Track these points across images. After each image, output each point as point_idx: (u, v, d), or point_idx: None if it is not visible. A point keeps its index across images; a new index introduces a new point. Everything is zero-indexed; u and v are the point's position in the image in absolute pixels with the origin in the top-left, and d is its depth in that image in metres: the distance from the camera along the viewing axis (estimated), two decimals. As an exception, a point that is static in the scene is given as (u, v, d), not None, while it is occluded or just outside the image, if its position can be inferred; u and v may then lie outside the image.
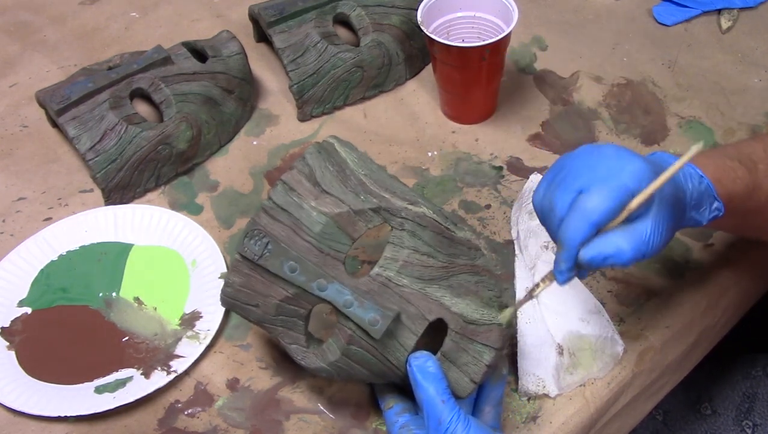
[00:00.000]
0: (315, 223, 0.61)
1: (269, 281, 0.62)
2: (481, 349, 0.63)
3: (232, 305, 0.64)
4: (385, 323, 0.60)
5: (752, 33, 1.03)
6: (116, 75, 0.89)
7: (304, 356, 0.63)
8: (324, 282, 0.61)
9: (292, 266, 0.61)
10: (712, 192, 0.64)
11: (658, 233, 0.58)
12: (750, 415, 0.92)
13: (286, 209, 0.61)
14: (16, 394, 0.71)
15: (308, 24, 0.95)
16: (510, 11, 0.88)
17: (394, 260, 0.62)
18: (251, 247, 0.61)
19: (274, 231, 0.61)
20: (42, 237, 0.83)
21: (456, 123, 0.95)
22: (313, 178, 0.63)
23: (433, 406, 0.60)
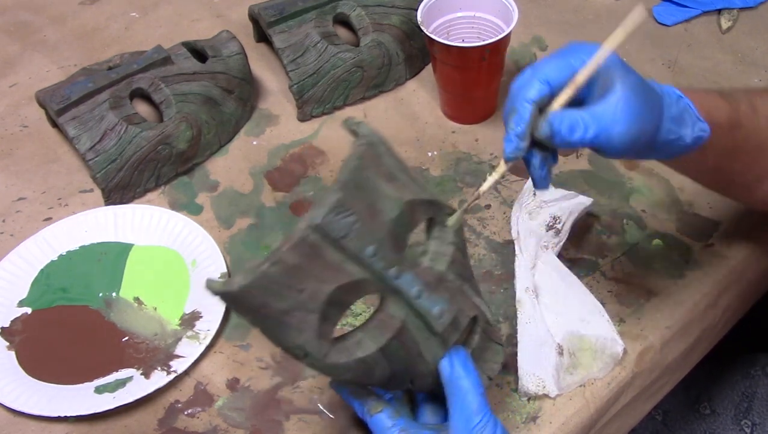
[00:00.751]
0: (392, 208, 0.56)
1: (334, 265, 0.54)
2: (497, 348, 0.65)
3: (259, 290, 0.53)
4: (448, 317, 0.59)
5: (752, 33, 1.03)
6: (116, 75, 0.89)
7: (327, 352, 0.56)
8: (399, 271, 0.57)
9: (374, 249, 0.55)
10: (693, 111, 0.61)
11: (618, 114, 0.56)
12: (749, 415, 0.92)
13: (364, 188, 0.55)
14: (16, 394, 0.71)
15: (308, 24, 0.95)
16: (510, 11, 0.88)
17: (444, 255, 0.61)
18: (337, 223, 0.53)
19: (357, 209, 0.54)
20: (42, 237, 0.83)
21: (456, 123, 0.95)
22: (379, 157, 0.58)
23: (470, 398, 0.59)
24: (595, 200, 0.83)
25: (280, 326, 0.55)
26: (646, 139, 0.59)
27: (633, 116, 0.56)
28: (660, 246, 0.82)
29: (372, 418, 0.62)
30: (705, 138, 0.62)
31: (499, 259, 0.81)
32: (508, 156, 0.57)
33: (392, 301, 0.58)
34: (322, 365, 0.57)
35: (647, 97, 0.58)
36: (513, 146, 0.56)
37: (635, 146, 0.58)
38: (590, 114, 0.56)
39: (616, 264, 0.80)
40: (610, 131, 0.56)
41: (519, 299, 0.74)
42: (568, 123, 0.55)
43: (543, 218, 0.79)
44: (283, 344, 0.56)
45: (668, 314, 0.76)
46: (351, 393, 0.64)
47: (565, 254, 0.80)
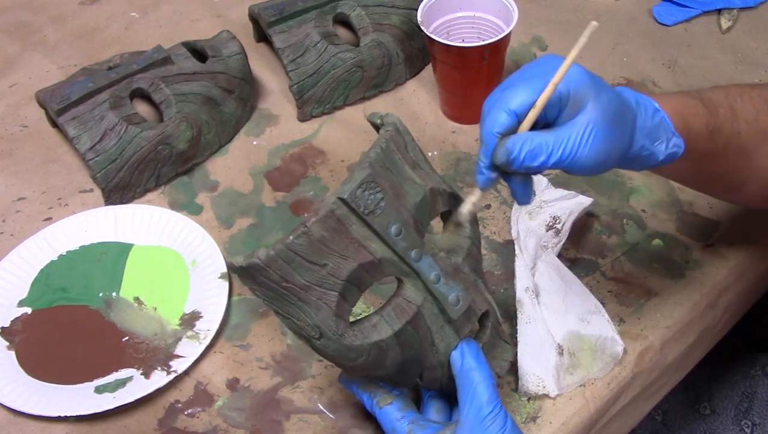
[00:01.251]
0: (417, 192, 0.58)
1: (357, 241, 0.55)
2: (506, 346, 0.66)
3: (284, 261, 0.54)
4: (464, 305, 0.59)
5: (752, 33, 1.03)
6: (116, 75, 0.89)
7: (344, 332, 0.57)
8: (420, 253, 0.57)
9: (397, 229, 0.56)
10: (669, 126, 0.61)
11: (584, 139, 0.56)
12: (749, 415, 0.92)
13: (391, 169, 0.56)
14: (16, 394, 0.71)
15: (308, 24, 0.95)
16: (510, 11, 0.88)
17: (460, 248, 0.62)
18: (363, 199, 0.54)
19: (385, 188, 0.56)
20: (42, 237, 0.83)
21: (456, 123, 0.95)
22: (407, 147, 0.59)
23: (482, 389, 0.59)
24: (595, 200, 0.83)
25: (299, 302, 0.55)
26: (616, 157, 0.59)
27: (600, 139, 0.56)
28: (660, 246, 0.82)
29: (381, 410, 0.63)
30: (679, 154, 0.62)
31: (499, 259, 0.81)
32: (481, 187, 0.58)
33: (410, 285, 0.58)
34: (336, 346, 0.57)
35: (618, 118, 0.58)
36: (484, 177, 0.58)
37: (603, 166, 0.58)
38: (555, 137, 0.56)
39: (616, 264, 0.80)
40: (575, 154, 0.56)
41: (519, 299, 0.74)
42: (529, 148, 0.56)
43: (543, 218, 0.79)
44: (299, 322, 0.56)
45: (668, 314, 0.76)
46: (360, 385, 0.64)
47: (565, 254, 0.80)
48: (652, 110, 0.61)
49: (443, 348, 0.61)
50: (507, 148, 0.56)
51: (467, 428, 0.59)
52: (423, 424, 0.62)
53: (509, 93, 0.56)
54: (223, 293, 0.77)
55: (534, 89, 0.56)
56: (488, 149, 0.56)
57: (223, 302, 0.76)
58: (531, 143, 0.55)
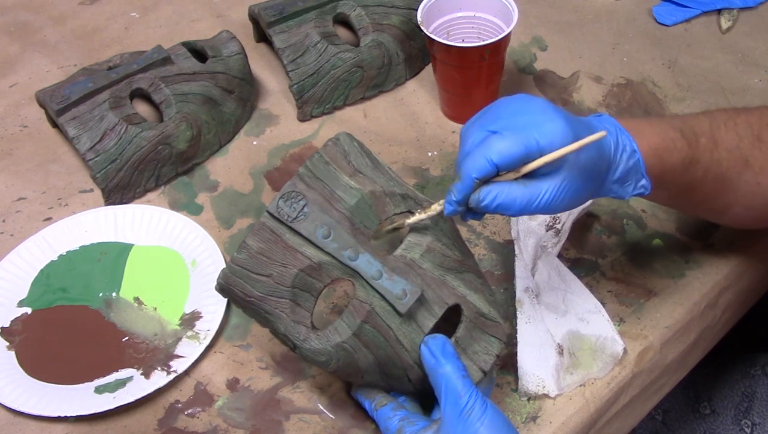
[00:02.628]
0: (351, 196, 0.61)
1: (293, 249, 0.60)
2: (492, 340, 0.66)
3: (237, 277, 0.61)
4: (412, 298, 0.60)
5: (752, 33, 1.03)
6: (116, 75, 0.89)
7: (306, 337, 0.62)
8: (355, 252, 0.60)
9: (325, 231, 0.60)
10: (641, 169, 0.64)
11: (558, 196, 0.60)
12: (749, 414, 0.92)
13: (322, 179, 0.62)
14: (16, 394, 0.71)
15: (308, 24, 0.95)
16: (510, 11, 0.88)
17: (418, 245, 0.63)
18: (285, 208, 0.60)
19: (311, 196, 0.61)
20: (42, 237, 0.83)
21: (456, 123, 0.95)
22: (347, 158, 0.63)
23: (453, 382, 0.59)
24: (595, 200, 0.83)
25: (265, 315, 0.62)
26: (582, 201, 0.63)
27: (572, 193, 0.61)
28: (660, 246, 0.82)
29: (377, 412, 0.65)
30: (645, 194, 0.66)
31: (499, 259, 0.81)
32: (447, 213, 0.62)
33: (359, 285, 0.61)
34: (304, 352, 0.62)
35: (593, 174, 0.62)
36: (452, 208, 0.61)
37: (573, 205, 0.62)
38: (531, 193, 0.60)
39: (616, 264, 0.80)
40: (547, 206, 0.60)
41: (519, 299, 0.74)
42: (502, 201, 0.59)
43: (543, 218, 0.80)
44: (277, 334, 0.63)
45: (668, 314, 0.76)
46: (362, 393, 0.67)
47: (565, 254, 0.80)
48: (630, 152, 0.64)
49: (410, 345, 0.62)
50: (481, 197, 0.59)
51: (448, 423, 0.59)
52: (413, 421, 0.62)
53: (494, 141, 0.59)
54: (223, 293, 0.77)
55: (518, 144, 0.58)
56: (464, 188, 0.60)
57: (223, 302, 0.76)
58: (505, 196, 0.59)
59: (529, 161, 0.59)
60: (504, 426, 0.60)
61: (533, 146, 0.58)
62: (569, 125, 0.59)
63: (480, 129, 0.61)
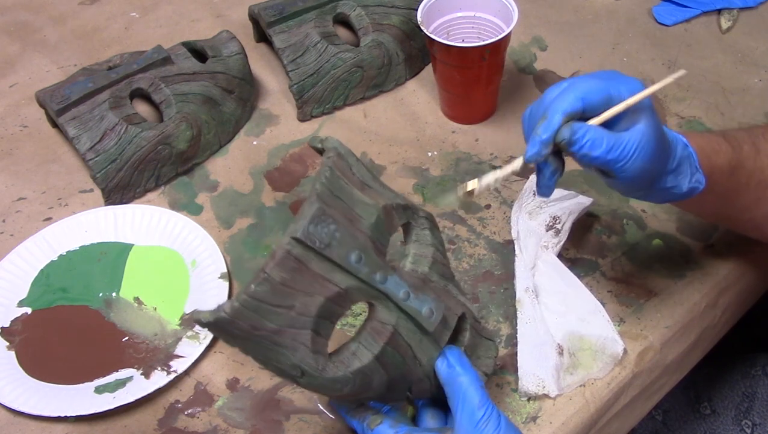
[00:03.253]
0: (369, 213, 0.57)
1: (320, 276, 0.54)
2: (489, 343, 0.66)
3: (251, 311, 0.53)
4: (438, 315, 0.59)
5: (752, 33, 1.03)
6: (116, 75, 0.89)
7: (325, 366, 0.56)
8: (384, 274, 0.57)
9: (357, 256, 0.55)
10: (694, 161, 0.64)
11: (638, 148, 0.58)
12: (749, 415, 0.92)
13: (340, 197, 0.56)
14: (16, 394, 0.71)
15: (308, 24, 0.95)
16: (510, 11, 0.88)
17: (425, 257, 0.62)
18: (318, 233, 0.53)
19: (337, 217, 0.55)
20: (42, 237, 0.83)
21: (456, 123, 0.95)
22: (352, 169, 0.59)
23: (471, 393, 0.59)
24: (595, 200, 0.83)
25: (274, 347, 0.54)
26: (651, 178, 0.61)
27: (650, 152, 0.59)
28: (660, 246, 0.82)
29: (372, 432, 0.62)
30: (699, 189, 0.65)
31: (499, 259, 0.81)
32: (528, 158, 0.58)
33: (381, 307, 0.58)
34: (320, 381, 0.56)
35: (662, 139, 0.61)
36: (536, 150, 0.58)
37: (640, 182, 0.60)
38: (616, 138, 0.58)
39: (616, 264, 0.80)
40: (628, 158, 0.58)
41: (519, 299, 0.74)
42: (593, 137, 0.57)
43: (543, 218, 0.80)
44: (279, 365, 0.55)
45: (668, 314, 0.76)
46: (348, 412, 0.64)
47: (565, 254, 0.80)
48: (682, 144, 0.64)
49: (426, 360, 0.61)
50: (574, 129, 0.57)
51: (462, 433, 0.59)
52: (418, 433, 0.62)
53: (580, 81, 0.58)
54: (223, 293, 0.77)
55: (605, 90, 0.58)
56: (551, 125, 0.57)
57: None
58: (596, 133, 0.57)
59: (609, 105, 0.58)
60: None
61: (615, 92, 0.58)
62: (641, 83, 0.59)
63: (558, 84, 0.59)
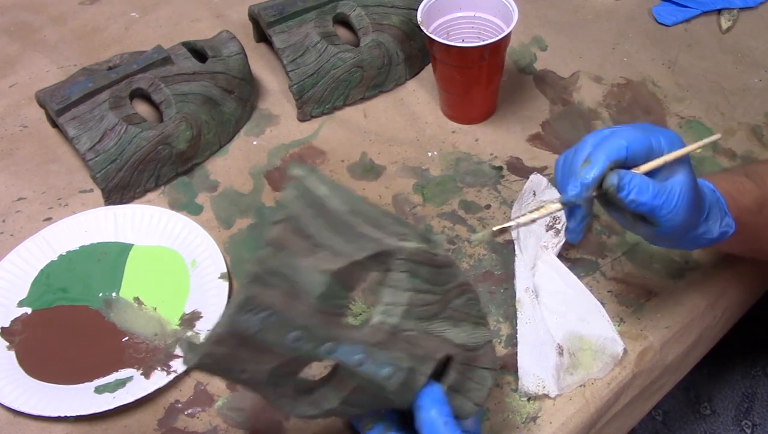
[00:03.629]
0: (316, 286, 0.54)
1: (264, 351, 0.54)
2: (484, 374, 0.62)
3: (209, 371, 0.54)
4: (400, 376, 0.57)
5: (752, 33, 1.03)
6: (116, 75, 0.89)
7: (293, 406, 0.57)
8: (333, 345, 0.55)
9: (296, 335, 0.54)
10: (723, 206, 0.65)
11: (680, 198, 0.59)
12: (749, 415, 0.92)
13: (280, 272, 0.53)
14: (16, 394, 0.71)
15: (308, 24, 0.95)
16: (510, 11, 0.88)
17: (397, 305, 0.58)
18: (247, 321, 0.52)
19: (271, 300, 0.52)
20: (42, 237, 0.83)
21: (456, 123, 0.95)
22: (300, 230, 0.54)
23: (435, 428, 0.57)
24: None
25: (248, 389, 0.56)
26: (689, 227, 0.62)
27: (690, 201, 0.60)
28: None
29: None
30: (729, 233, 0.66)
31: (499, 259, 0.81)
32: (568, 199, 0.59)
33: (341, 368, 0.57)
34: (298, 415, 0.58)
35: (699, 193, 0.62)
36: (577, 191, 0.59)
37: (680, 230, 0.61)
38: (660, 186, 0.59)
39: (616, 264, 0.80)
40: (672, 207, 0.59)
41: (519, 299, 0.74)
42: (638, 183, 0.58)
43: (543, 219, 0.79)
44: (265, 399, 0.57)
45: (668, 314, 0.76)
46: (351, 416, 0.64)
47: (565, 254, 0.80)
48: (710, 190, 0.65)
49: (400, 401, 0.59)
50: (621, 175, 0.58)
51: None
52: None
53: (626, 130, 0.59)
54: (223, 293, 0.77)
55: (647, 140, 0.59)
56: (596, 169, 0.58)
57: (223, 302, 0.76)
58: (642, 180, 0.58)
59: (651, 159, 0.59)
60: None
61: (656, 143, 0.59)
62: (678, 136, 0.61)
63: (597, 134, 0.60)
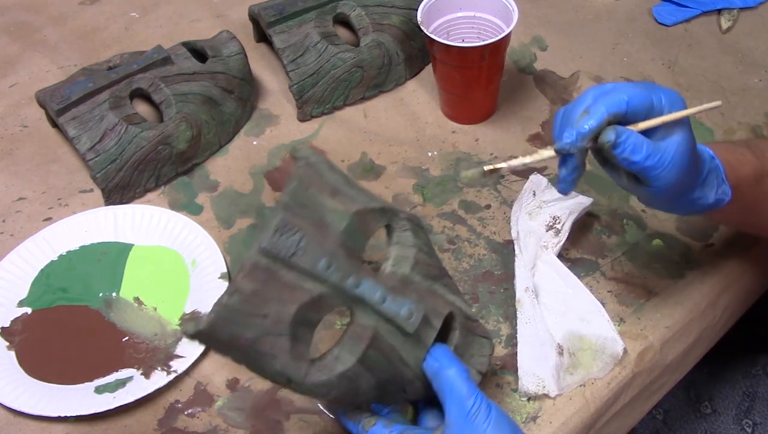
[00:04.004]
0: (340, 220, 0.58)
1: (291, 285, 0.55)
2: (483, 341, 0.66)
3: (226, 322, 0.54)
4: (418, 317, 0.59)
5: (752, 33, 1.03)
6: (116, 75, 0.89)
7: (307, 371, 0.57)
8: (357, 279, 0.57)
9: (326, 262, 0.56)
10: (721, 173, 0.64)
11: (674, 158, 0.58)
12: (750, 414, 0.92)
13: (308, 205, 0.57)
14: (16, 394, 0.71)
15: (308, 24, 0.95)
16: (510, 11, 0.88)
17: (406, 258, 0.62)
18: (283, 243, 0.54)
19: (303, 226, 0.56)
20: (42, 237, 0.83)
21: (456, 123, 0.95)
22: (323, 178, 0.59)
23: (458, 385, 0.59)
24: (595, 200, 0.82)
25: (256, 355, 0.55)
26: (682, 189, 0.62)
27: (685, 162, 0.59)
28: (660, 246, 0.82)
29: (368, 433, 0.62)
30: (725, 201, 0.65)
31: (499, 259, 0.81)
32: (562, 146, 0.58)
33: (360, 311, 0.58)
34: (306, 387, 0.57)
35: (696, 156, 0.62)
36: (572, 139, 0.58)
37: (672, 192, 0.61)
38: (655, 145, 0.58)
39: (616, 264, 0.80)
40: (665, 165, 0.58)
41: (519, 299, 0.74)
42: (634, 141, 0.57)
43: (543, 218, 0.79)
44: (266, 373, 0.57)
45: (668, 314, 0.76)
46: (344, 414, 0.64)
47: (565, 254, 0.80)
48: (709, 157, 0.64)
49: (413, 361, 0.60)
50: (618, 131, 0.57)
51: (454, 427, 0.59)
52: (412, 433, 0.61)
53: (627, 85, 0.58)
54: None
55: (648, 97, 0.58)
56: (595, 120, 0.57)
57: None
58: (637, 138, 0.58)
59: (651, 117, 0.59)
60: (509, 427, 0.60)
61: (657, 101, 0.58)
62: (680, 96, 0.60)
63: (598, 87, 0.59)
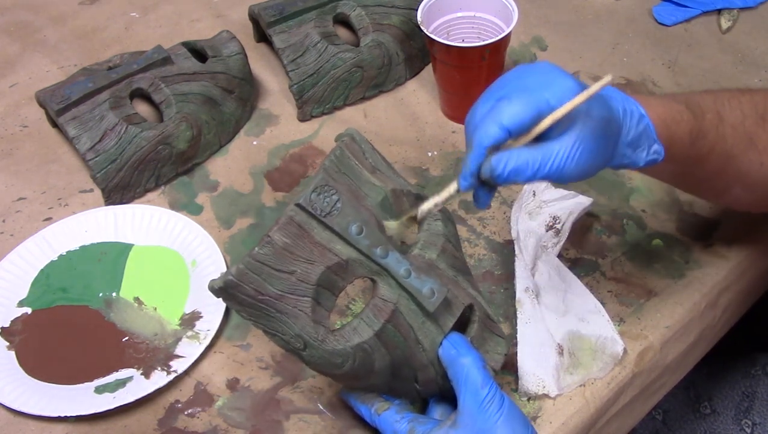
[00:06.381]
0: (376, 193, 0.60)
1: (321, 245, 0.57)
2: (499, 340, 0.66)
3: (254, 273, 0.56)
4: (440, 297, 0.59)
5: (752, 33, 1.03)
6: (116, 75, 0.89)
7: (325, 337, 0.58)
8: (385, 250, 0.59)
9: (358, 228, 0.58)
10: (651, 134, 0.62)
11: (571, 156, 0.57)
12: (749, 414, 0.92)
13: (348, 174, 0.60)
14: (16, 394, 0.71)
15: (308, 24, 0.95)
16: (510, 11, 0.88)
17: (433, 245, 0.63)
18: (319, 202, 0.57)
19: (341, 190, 0.58)
20: (42, 237, 0.83)
21: (456, 123, 0.95)
22: (365, 154, 0.62)
23: (474, 373, 0.59)
24: (595, 200, 0.83)
25: (278, 314, 0.57)
26: (598, 167, 0.60)
27: (587, 154, 0.57)
28: (660, 246, 0.82)
29: (380, 417, 0.63)
30: (658, 160, 0.63)
31: (499, 259, 0.81)
32: (463, 189, 0.58)
33: (383, 283, 0.60)
34: (320, 353, 0.58)
35: (605, 132, 0.59)
36: (468, 182, 0.58)
37: (585, 176, 0.59)
38: (543, 154, 0.57)
39: (616, 264, 0.80)
40: (561, 169, 0.57)
41: (519, 299, 0.74)
42: (514, 166, 0.56)
43: (543, 218, 0.80)
44: (284, 336, 0.58)
45: (668, 314, 0.76)
46: (358, 398, 0.65)
47: (565, 254, 0.80)
48: (638, 116, 0.62)
49: (429, 345, 0.61)
50: (492, 166, 0.56)
51: (467, 415, 0.59)
52: (423, 421, 0.62)
53: (504, 106, 0.56)
54: (223, 293, 0.77)
55: (529, 106, 0.56)
56: (477, 158, 0.57)
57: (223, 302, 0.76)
58: (517, 161, 0.56)
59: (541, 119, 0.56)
60: (521, 419, 0.60)
61: (544, 105, 0.56)
62: (577, 83, 0.57)
63: (487, 100, 0.58)
